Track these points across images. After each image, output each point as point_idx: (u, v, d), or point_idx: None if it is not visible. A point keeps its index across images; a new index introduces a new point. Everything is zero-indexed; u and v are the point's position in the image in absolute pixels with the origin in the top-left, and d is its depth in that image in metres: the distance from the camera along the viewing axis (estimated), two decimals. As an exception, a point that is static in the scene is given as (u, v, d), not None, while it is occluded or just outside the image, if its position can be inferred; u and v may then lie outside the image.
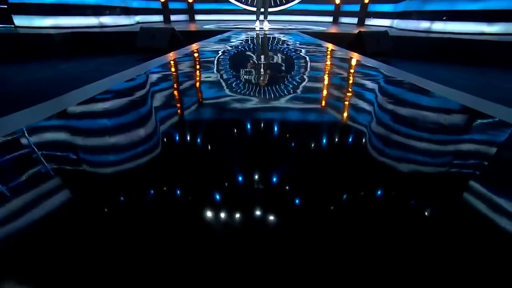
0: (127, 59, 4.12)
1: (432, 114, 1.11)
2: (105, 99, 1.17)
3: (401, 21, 7.18)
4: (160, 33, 3.74)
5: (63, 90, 1.31)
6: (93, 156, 0.73)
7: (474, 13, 5.79)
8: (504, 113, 1.01)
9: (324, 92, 1.38)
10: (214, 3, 9.71)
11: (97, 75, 3.41)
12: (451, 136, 0.89)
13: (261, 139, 0.81)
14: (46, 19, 5.89)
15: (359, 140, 0.83)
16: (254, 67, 1.98)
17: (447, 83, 3.15)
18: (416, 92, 1.34)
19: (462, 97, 1.22)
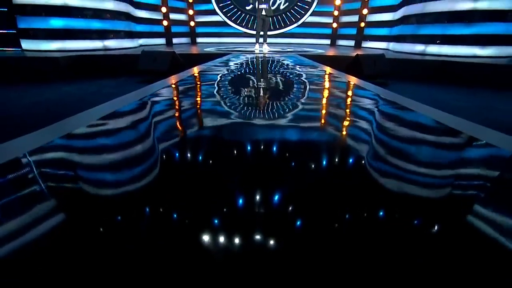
0: (128, 81, 4.21)
1: (429, 139, 1.11)
2: (106, 124, 1.16)
3: (396, 44, 7.40)
4: (161, 57, 3.84)
5: (64, 114, 1.31)
6: (96, 181, 0.73)
7: (467, 37, 5.99)
8: (498, 139, 1.00)
9: (322, 117, 1.40)
10: (215, 27, 10.07)
11: (98, 97, 3.47)
12: (446, 161, 0.90)
13: (261, 162, 0.83)
14: (53, 43, 6.09)
15: (355, 163, 0.84)
16: (253, 91, 2.01)
17: (444, 105, 3.20)
18: (413, 117, 1.34)
19: (458, 122, 1.21)
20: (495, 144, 0.96)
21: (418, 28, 6.66)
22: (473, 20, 5.87)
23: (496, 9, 5.69)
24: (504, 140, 1.00)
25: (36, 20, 6.00)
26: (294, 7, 9.70)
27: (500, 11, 5.69)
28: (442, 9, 6.16)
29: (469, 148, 1.03)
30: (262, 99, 1.74)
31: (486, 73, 4.69)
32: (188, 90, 2.04)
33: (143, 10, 8.32)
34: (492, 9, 5.71)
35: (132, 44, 7.52)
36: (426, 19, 6.50)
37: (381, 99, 1.70)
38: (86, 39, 6.39)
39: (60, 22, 6.07)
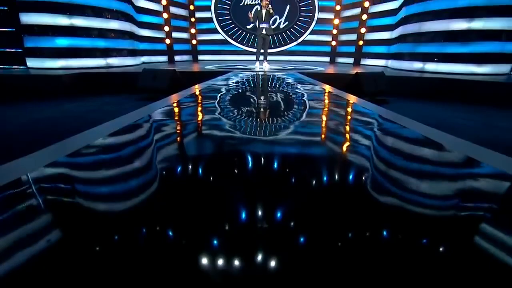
0: (129, 99, 4.24)
1: (430, 161, 1.09)
2: (107, 144, 1.15)
3: (395, 61, 7.52)
4: (161, 75, 3.89)
5: (61, 133, 1.29)
6: (98, 202, 0.72)
7: (463, 55, 6.09)
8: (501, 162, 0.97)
9: (322, 137, 1.38)
10: (216, 45, 10.29)
11: (98, 115, 3.49)
12: (451, 187, 0.87)
13: (262, 181, 0.83)
14: (58, 61, 6.21)
15: (354, 184, 0.84)
16: (253, 110, 2.00)
17: (446, 122, 3.19)
18: (415, 139, 1.32)
19: (461, 144, 1.18)
20: (498, 166, 0.94)
21: (415, 46, 6.78)
22: (469, 39, 5.99)
23: (490, 28, 5.81)
24: (507, 162, 0.97)
25: (42, 40, 6.14)
26: (294, 26, 9.96)
27: (495, 31, 5.81)
28: (438, 29, 6.30)
29: (472, 172, 0.99)
30: (263, 118, 1.73)
31: (485, 91, 4.72)
32: (189, 109, 2.04)
33: (147, 29, 8.54)
34: (487, 29, 5.84)
35: (135, 61, 7.66)
36: (422, 38, 6.64)
37: (382, 120, 1.68)
38: (89, 57, 6.52)
39: (65, 41, 6.21)
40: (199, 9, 9.94)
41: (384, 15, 8.32)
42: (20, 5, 5.94)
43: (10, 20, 6.12)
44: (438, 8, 6.22)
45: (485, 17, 5.78)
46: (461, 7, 5.94)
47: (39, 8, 5.93)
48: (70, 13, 6.11)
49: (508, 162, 0.97)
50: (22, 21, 6.04)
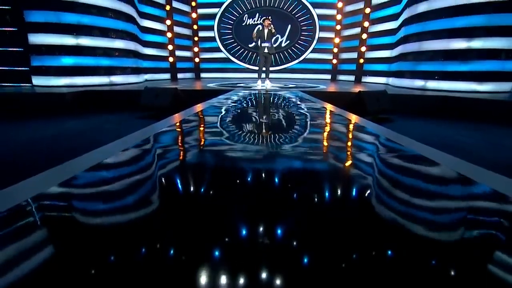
0: (130, 117, 4.23)
1: (431, 182, 1.06)
2: (107, 168, 1.11)
3: (396, 79, 7.56)
4: (163, 93, 3.90)
5: (60, 153, 1.27)
6: (100, 228, 0.71)
7: (464, 74, 6.12)
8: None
9: (326, 160, 1.36)
10: (219, 63, 10.48)
11: (99, 133, 3.46)
12: (448, 207, 0.87)
13: (265, 204, 0.83)
14: (62, 79, 6.31)
15: (354, 205, 0.84)
16: (256, 131, 1.98)
17: (452, 141, 3.12)
18: (414, 159, 1.28)
19: (462, 166, 1.13)
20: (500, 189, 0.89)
21: (416, 64, 6.84)
22: (469, 57, 6.04)
23: (490, 48, 5.87)
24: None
25: (48, 58, 6.28)
26: (295, 44, 10.16)
27: (494, 50, 5.87)
28: (438, 48, 6.37)
29: (475, 195, 0.94)
30: (265, 139, 1.71)
31: (487, 108, 4.68)
32: (192, 130, 1.99)
33: (151, 48, 8.74)
34: (486, 48, 5.90)
35: (138, 79, 7.77)
36: (422, 57, 6.71)
37: (384, 141, 1.63)
38: (93, 75, 6.62)
39: (70, 60, 6.34)
40: (202, 28, 10.21)
41: (384, 35, 8.48)
42: (29, 26, 6.12)
43: (19, 40, 6.30)
44: (437, 28, 6.32)
45: (483, 37, 5.86)
46: (459, 27, 6.03)
47: (47, 29, 6.11)
48: (77, 33, 6.28)
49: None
50: (30, 41, 6.20)
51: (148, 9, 8.47)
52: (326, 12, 9.80)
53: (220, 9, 9.90)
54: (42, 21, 6.06)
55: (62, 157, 1.12)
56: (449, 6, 6.07)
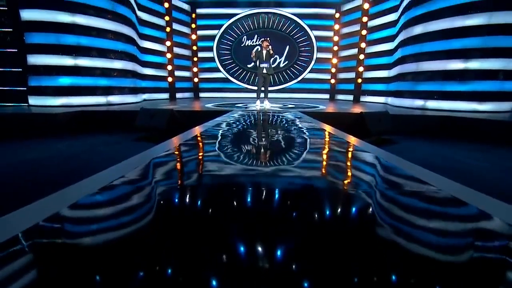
0: (125, 138, 4.09)
1: (433, 210, 1.00)
2: (100, 202, 1.02)
3: (395, 98, 7.56)
4: (159, 114, 3.79)
5: (42, 179, 1.16)
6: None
7: (464, 94, 6.11)
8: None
9: (325, 185, 1.32)
10: (217, 83, 10.54)
11: (90, 156, 3.30)
12: (450, 235, 0.83)
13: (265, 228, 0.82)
14: (59, 99, 6.24)
15: (351, 230, 0.83)
16: (255, 155, 1.90)
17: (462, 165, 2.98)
18: (416, 185, 1.21)
19: (469, 193, 1.06)
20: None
21: (414, 84, 6.85)
22: (467, 78, 6.06)
23: (487, 68, 5.90)
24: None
25: (45, 79, 6.24)
26: (294, 65, 10.28)
27: (492, 70, 5.89)
28: (436, 68, 6.40)
29: (481, 227, 0.88)
30: (263, 164, 1.65)
31: (493, 129, 4.58)
32: (190, 156, 1.87)
33: (150, 68, 8.79)
34: (483, 68, 5.93)
35: (136, 99, 7.72)
36: (421, 77, 6.73)
37: (388, 167, 1.51)
38: (90, 95, 6.56)
39: (67, 80, 6.30)
40: (201, 49, 10.35)
41: (381, 55, 8.60)
42: (28, 47, 6.14)
43: (18, 61, 6.30)
44: (434, 49, 6.39)
45: (480, 58, 5.90)
46: (456, 48, 6.09)
47: (47, 50, 6.12)
48: (76, 54, 6.29)
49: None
50: (29, 62, 6.20)
51: (148, 30, 8.60)
52: (324, 34, 10.01)
53: (219, 31, 10.10)
54: (42, 43, 6.08)
55: (44, 188, 1.03)
56: (444, 29, 6.17)
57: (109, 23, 6.65)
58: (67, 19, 6.07)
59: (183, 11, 9.75)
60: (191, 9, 9.98)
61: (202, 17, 10.10)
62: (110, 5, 6.59)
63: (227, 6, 9.93)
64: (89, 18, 6.30)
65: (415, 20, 6.75)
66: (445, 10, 6.15)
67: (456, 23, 5.99)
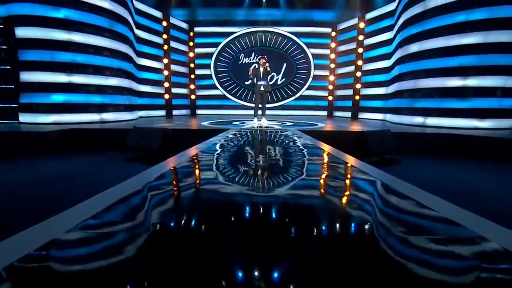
0: (115, 158, 3.88)
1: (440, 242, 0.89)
2: (85, 239, 0.88)
3: (394, 115, 7.48)
4: (151, 134, 3.60)
5: (16, 209, 1.01)
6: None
7: (463, 111, 6.04)
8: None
9: (323, 208, 1.27)
10: (215, 100, 10.48)
11: (74, 179, 3.07)
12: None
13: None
14: (50, 116, 6.07)
15: (349, 257, 0.79)
16: (253, 178, 1.77)
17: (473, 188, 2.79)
18: (420, 212, 1.11)
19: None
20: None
21: (413, 101, 6.79)
22: (466, 95, 6.01)
23: (485, 86, 5.87)
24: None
25: (37, 96, 6.09)
26: (291, 82, 10.29)
27: (490, 88, 5.86)
28: (434, 85, 6.37)
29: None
30: (261, 189, 1.55)
31: (502, 147, 4.43)
32: (186, 182, 1.70)
33: (147, 85, 8.72)
34: (482, 86, 5.90)
35: (131, 116, 7.57)
36: (419, 94, 6.69)
37: (392, 193, 1.37)
38: (84, 112, 6.40)
39: (60, 97, 6.16)
40: (199, 67, 10.37)
41: (378, 73, 8.63)
42: (22, 64, 6.03)
43: (11, 78, 6.18)
44: (431, 67, 6.39)
45: (478, 76, 5.89)
46: (453, 66, 6.09)
47: (40, 67, 6.01)
48: (71, 71, 6.18)
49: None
50: (22, 79, 6.07)
51: (146, 48, 8.61)
52: (320, 52, 10.11)
53: (217, 49, 10.16)
54: (35, 60, 5.98)
55: (12, 224, 0.86)
56: (441, 47, 6.19)
57: (106, 41, 6.61)
58: (63, 36, 6.02)
59: (181, 30, 9.84)
60: (189, 27, 10.09)
61: (200, 35, 10.20)
62: (107, 23, 6.58)
63: (225, 25, 10.06)
64: (86, 36, 6.25)
65: (411, 39, 6.80)
66: (440, 28, 6.21)
67: (453, 42, 6.02)
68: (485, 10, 5.68)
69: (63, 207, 1.03)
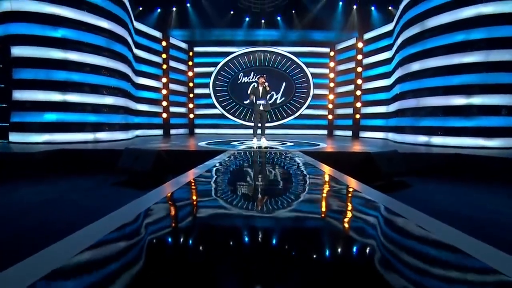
0: (103, 182, 3.60)
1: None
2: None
3: (396, 134, 7.30)
4: (144, 156, 3.36)
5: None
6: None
7: (469, 129, 5.87)
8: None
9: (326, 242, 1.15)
10: (213, 119, 10.33)
11: (56, 206, 2.78)
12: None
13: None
14: (42, 135, 5.84)
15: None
16: (254, 207, 1.59)
17: (494, 215, 2.52)
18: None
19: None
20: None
21: (416, 120, 6.64)
22: (471, 113, 5.87)
23: (490, 104, 5.75)
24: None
25: (30, 115, 5.90)
26: (291, 101, 10.21)
27: (495, 106, 5.74)
28: (438, 104, 6.25)
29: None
30: (263, 222, 1.38)
31: (504, 167, 4.19)
32: (184, 214, 1.51)
33: (144, 104, 8.59)
34: (486, 104, 5.78)
35: (127, 135, 7.34)
36: (423, 112, 6.55)
37: (403, 224, 1.13)
38: (77, 131, 6.17)
39: (53, 116, 5.96)
40: (198, 86, 10.33)
41: (378, 91, 8.57)
42: (16, 83, 5.89)
43: (3, 97, 6.00)
44: (433, 85, 6.30)
45: (481, 94, 5.78)
46: (455, 85, 6.00)
47: (33, 85, 5.87)
48: (65, 90, 6.03)
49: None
50: (14, 97, 5.90)
51: (144, 67, 8.58)
52: (319, 71, 10.13)
53: (216, 68, 10.17)
54: (29, 78, 5.85)
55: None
56: (443, 66, 6.13)
57: (103, 59, 6.53)
58: (59, 55, 5.92)
59: (180, 49, 9.89)
60: (189, 47, 10.15)
61: (199, 55, 10.24)
62: (105, 42, 6.53)
63: (224, 45, 10.13)
64: (82, 55, 6.17)
65: (410, 58, 6.77)
66: (440, 48, 6.18)
67: (454, 60, 5.97)
68: (484, 30, 5.67)
69: (28, 247, 0.88)
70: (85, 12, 6.15)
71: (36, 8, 5.75)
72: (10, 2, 5.74)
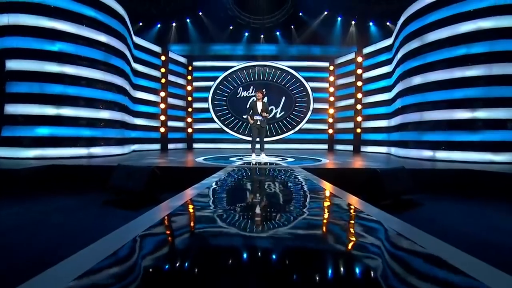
0: (93, 201, 3.34)
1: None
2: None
3: (399, 149, 7.11)
4: (136, 173, 3.13)
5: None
6: None
7: (475, 144, 5.70)
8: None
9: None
10: (212, 133, 10.17)
11: (35, 231, 2.52)
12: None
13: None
14: (32, 150, 5.62)
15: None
16: (254, 230, 1.44)
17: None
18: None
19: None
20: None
21: (420, 134, 6.47)
22: (476, 127, 5.72)
23: (495, 118, 5.61)
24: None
25: (21, 129, 5.71)
26: (290, 115, 10.09)
27: (500, 120, 5.59)
28: (442, 118, 6.10)
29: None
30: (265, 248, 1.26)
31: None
32: (180, 241, 1.34)
33: (142, 118, 8.44)
34: (492, 118, 5.64)
35: (123, 150, 7.13)
36: (425, 127, 6.39)
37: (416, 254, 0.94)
38: (70, 147, 5.96)
39: (46, 130, 5.77)
40: (197, 100, 10.24)
41: (379, 105, 8.46)
42: (8, 96, 5.74)
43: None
44: (436, 99, 6.18)
45: (486, 107, 5.65)
46: (459, 98, 5.89)
47: (27, 99, 5.71)
48: (60, 104, 5.88)
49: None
50: (6, 111, 5.73)
51: (143, 81, 8.49)
52: (319, 85, 10.09)
53: (215, 83, 10.12)
54: (22, 92, 5.70)
55: None
56: (445, 79, 6.04)
57: (99, 73, 6.42)
58: (55, 69, 5.81)
59: (179, 64, 9.87)
60: (188, 61, 10.15)
61: (198, 69, 10.22)
62: (103, 56, 6.45)
63: (224, 60, 10.13)
64: (78, 68, 6.06)
65: (411, 72, 6.70)
66: (442, 62, 6.11)
67: (456, 74, 5.88)
68: (486, 44, 5.62)
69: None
70: (83, 26, 6.10)
71: (34, 22, 5.70)
72: (8, 17, 5.69)
